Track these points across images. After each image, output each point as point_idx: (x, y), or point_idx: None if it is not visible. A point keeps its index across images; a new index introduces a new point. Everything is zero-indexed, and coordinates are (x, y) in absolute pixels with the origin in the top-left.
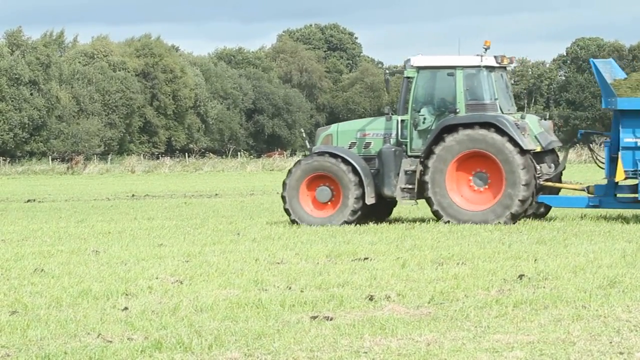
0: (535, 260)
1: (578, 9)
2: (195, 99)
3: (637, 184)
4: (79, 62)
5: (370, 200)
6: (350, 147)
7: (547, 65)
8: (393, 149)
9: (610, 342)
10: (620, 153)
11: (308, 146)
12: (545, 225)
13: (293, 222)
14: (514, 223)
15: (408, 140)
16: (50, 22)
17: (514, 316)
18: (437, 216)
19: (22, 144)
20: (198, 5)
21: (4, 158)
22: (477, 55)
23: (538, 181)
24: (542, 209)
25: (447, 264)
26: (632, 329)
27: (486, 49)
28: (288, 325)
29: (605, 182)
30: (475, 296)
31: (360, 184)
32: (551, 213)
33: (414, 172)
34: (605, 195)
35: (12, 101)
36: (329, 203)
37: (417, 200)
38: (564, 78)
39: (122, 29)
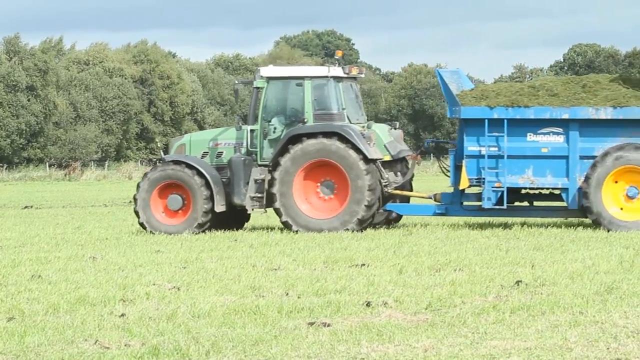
0: (533, 266)
1: (576, 15)
2: (193, 105)
3: (481, 192)
4: (75, 69)
5: (219, 208)
6: (202, 157)
7: (545, 72)
8: (243, 158)
9: (608, 348)
10: (464, 161)
11: (162, 156)
12: (542, 232)
13: (149, 232)
14: (361, 229)
15: (258, 149)
16: (51, 29)
17: (511, 322)
18: (287, 226)
19: (20, 150)
20: (197, 12)
21: (1, 164)
22: (325, 65)
23: (386, 189)
24: (393, 216)
25: (445, 270)
26: (629, 335)
27: (338, 60)
28: (285, 332)
29: (451, 190)
30: (472, 302)
31: (210, 192)
32: (547, 220)
33: (264, 181)
34: (452, 203)
35: (10, 107)
36: (180, 211)
37: (267, 209)
38: None
39: (123, 35)
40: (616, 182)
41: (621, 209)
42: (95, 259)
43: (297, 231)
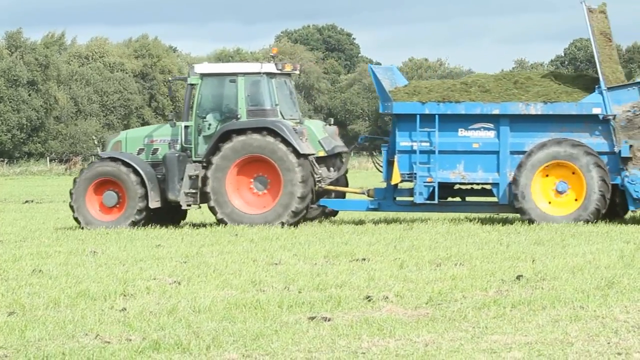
0: (533, 261)
1: (577, 10)
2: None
3: (413, 187)
4: (75, 64)
5: (154, 204)
6: (138, 153)
7: (545, 66)
8: (177, 155)
9: (608, 343)
10: (396, 157)
11: (99, 152)
12: (543, 226)
13: (83, 228)
14: (295, 221)
15: (193, 146)
16: (53, 23)
17: (512, 317)
18: (223, 223)
19: (20, 144)
20: (199, 7)
21: (1, 159)
22: (259, 62)
23: (320, 184)
24: (328, 211)
25: (445, 264)
26: (629, 330)
27: (273, 57)
28: (286, 326)
29: (384, 185)
30: (473, 297)
31: (144, 189)
32: None
33: (198, 177)
34: (385, 199)
35: (10, 102)
36: (115, 207)
37: (201, 205)
38: None
39: (125, 30)
40: (546, 176)
41: (550, 203)
42: (96, 253)
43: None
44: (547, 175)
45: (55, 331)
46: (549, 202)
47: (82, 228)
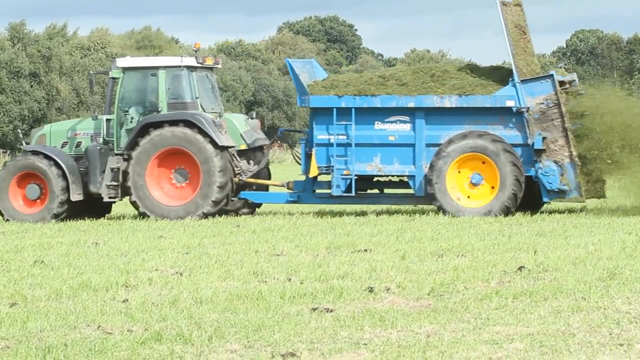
0: (535, 252)
1: (580, 1)
2: None
3: (331, 180)
4: (78, 55)
5: (75, 197)
6: (62, 147)
7: (547, 58)
8: (99, 147)
9: (610, 334)
10: (314, 149)
11: (23, 145)
12: (545, 217)
13: (7, 220)
14: (215, 211)
15: (115, 139)
16: (57, 15)
17: (513, 308)
18: (145, 215)
19: (22, 136)
20: None
21: (4, 150)
22: (179, 56)
23: (240, 177)
24: (249, 203)
25: (447, 255)
26: (631, 321)
27: (196, 51)
28: (288, 317)
29: (304, 178)
30: (475, 288)
31: (66, 182)
32: (551, 206)
33: (119, 169)
34: (304, 191)
35: (12, 94)
36: (39, 200)
37: (123, 198)
38: (564, 70)
39: (128, 21)
40: (460, 169)
41: (465, 195)
42: (98, 244)
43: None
44: (462, 167)
45: (57, 322)
46: (463, 194)
47: (7, 220)
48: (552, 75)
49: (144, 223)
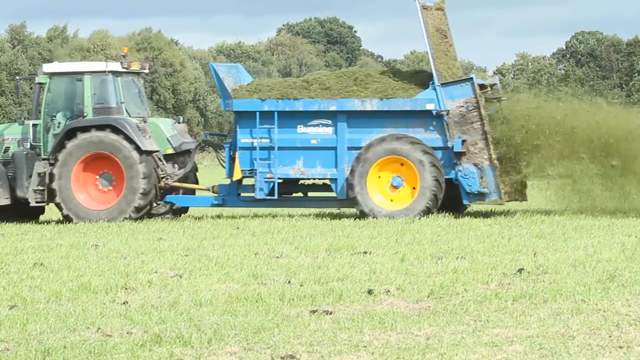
0: (535, 254)
1: (580, 2)
2: (195, 93)
3: (254, 183)
4: (78, 56)
5: (3, 201)
6: None
7: (547, 59)
8: (25, 152)
9: (610, 336)
10: (237, 153)
11: None
12: (544, 220)
13: None
14: (139, 217)
15: (42, 144)
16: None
17: (513, 310)
18: (69, 219)
19: None
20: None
21: None
22: (104, 61)
23: (166, 181)
24: (175, 208)
25: (447, 257)
26: (631, 323)
27: (124, 56)
28: (287, 319)
29: (229, 181)
30: (474, 290)
31: None
32: (549, 208)
33: (46, 174)
34: (229, 194)
35: (12, 95)
36: None
37: (50, 202)
38: (563, 72)
39: (128, 23)
40: (381, 172)
41: (387, 198)
42: (98, 246)
43: (77, 222)
44: (382, 170)
45: (57, 324)
46: (384, 197)
47: None
48: (471, 78)
49: (143, 225)
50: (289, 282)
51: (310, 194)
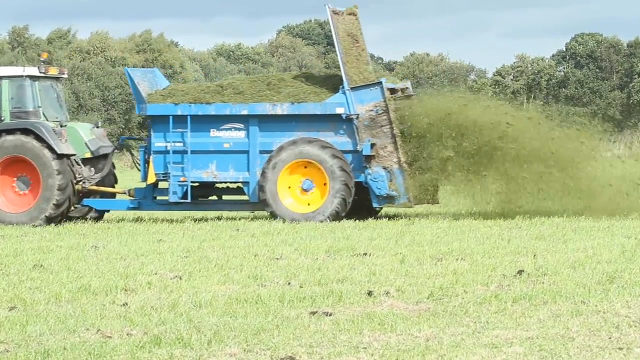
0: (535, 256)
1: (583, 4)
2: None
3: (168, 187)
4: (77, 58)
5: None
6: None
7: (547, 62)
8: None
9: (610, 338)
10: (152, 157)
11: None
12: (544, 221)
13: None
14: (55, 218)
15: None
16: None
17: (513, 312)
18: None
19: None
20: (203, 1)
21: None
22: (21, 66)
23: (84, 185)
24: (93, 212)
25: (447, 259)
26: (631, 325)
27: (43, 61)
28: (287, 321)
29: (144, 185)
30: (474, 292)
31: None
32: (550, 210)
33: None
34: (145, 198)
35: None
36: None
37: None
38: (563, 74)
39: (128, 25)
40: (291, 175)
41: (297, 201)
42: (98, 248)
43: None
44: (293, 174)
45: (57, 326)
46: (295, 200)
47: None
48: (381, 82)
49: (143, 227)
50: (289, 283)
51: (225, 197)
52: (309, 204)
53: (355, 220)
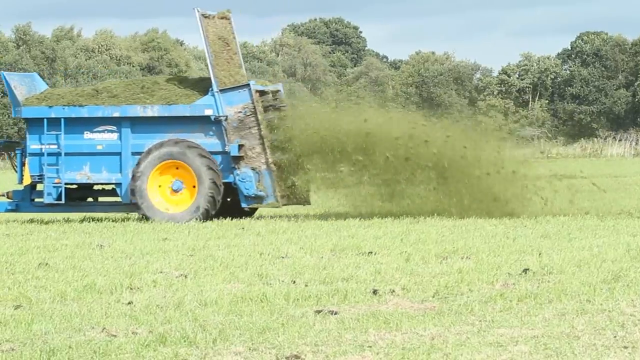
0: (540, 254)
1: (586, 3)
2: None
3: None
4: (82, 57)
5: None
6: None
7: (552, 60)
8: None
9: (615, 336)
10: (27, 159)
11: None
12: (549, 220)
13: None
14: None
15: None
16: (64, 17)
17: (518, 310)
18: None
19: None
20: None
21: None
22: None
23: None
24: None
25: (452, 258)
26: (636, 323)
27: None
28: (292, 320)
29: (22, 187)
30: (479, 290)
31: None
32: (554, 209)
33: None
34: (23, 200)
35: None
36: None
37: None
38: (568, 72)
39: (132, 23)
40: (161, 176)
41: (167, 201)
42: (103, 246)
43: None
44: (163, 174)
45: (62, 324)
46: (165, 200)
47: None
48: (248, 84)
49: (148, 226)
50: (294, 282)
51: (101, 199)
52: (178, 204)
53: (361, 220)
